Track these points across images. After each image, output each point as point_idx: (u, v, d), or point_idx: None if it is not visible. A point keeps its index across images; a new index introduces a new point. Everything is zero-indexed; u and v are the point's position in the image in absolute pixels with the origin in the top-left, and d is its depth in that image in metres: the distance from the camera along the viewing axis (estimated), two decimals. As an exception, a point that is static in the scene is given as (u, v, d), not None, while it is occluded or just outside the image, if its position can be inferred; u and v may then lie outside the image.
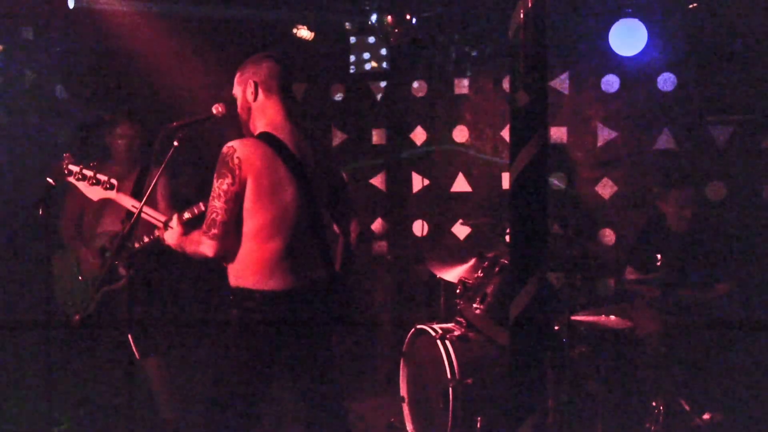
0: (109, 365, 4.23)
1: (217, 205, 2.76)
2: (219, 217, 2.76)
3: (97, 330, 4.02)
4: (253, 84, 2.92)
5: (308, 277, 2.88)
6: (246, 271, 2.82)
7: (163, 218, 3.00)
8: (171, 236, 2.93)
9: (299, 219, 2.87)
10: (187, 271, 4.82)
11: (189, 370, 4.71)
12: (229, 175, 2.75)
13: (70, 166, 3.14)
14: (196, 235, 2.84)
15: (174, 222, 2.95)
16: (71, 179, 3.13)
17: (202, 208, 2.99)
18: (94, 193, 3.13)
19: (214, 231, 2.76)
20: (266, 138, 2.85)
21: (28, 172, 5.25)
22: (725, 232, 4.38)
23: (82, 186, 3.13)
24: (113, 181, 3.10)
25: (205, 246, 2.78)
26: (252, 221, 2.80)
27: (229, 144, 2.79)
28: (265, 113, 2.94)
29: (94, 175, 3.10)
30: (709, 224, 4.40)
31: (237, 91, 3.00)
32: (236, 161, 2.75)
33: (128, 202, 3.08)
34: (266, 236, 2.81)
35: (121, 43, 5.00)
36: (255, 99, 2.93)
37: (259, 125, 2.94)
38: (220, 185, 2.76)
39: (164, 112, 4.76)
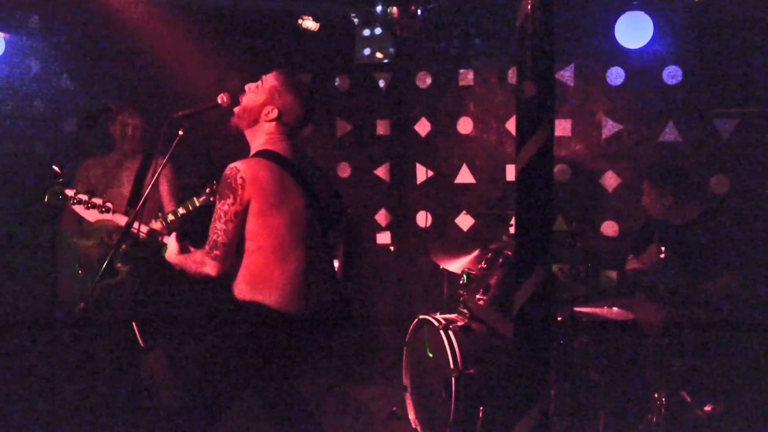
0: (109, 359, 4.25)
1: (218, 226, 2.78)
2: (220, 239, 2.77)
3: (96, 324, 4.03)
4: (276, 113, 2.92)
5: (321, 300, 2.90)
6: (265, 287, 2.82)
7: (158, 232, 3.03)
8: (170, 254, 2.95)
9: (312, 235, 2.89)
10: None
11: (192, 363, 4.73)
12: (231, 195, 2.75)
13: (66, 191, 3.19)
14: (198, 255, 2.85)
15: (171, 240, 2.96)
16: (68, 203, 3.17)
17: (197, 204, 3.01)
18: (91, 216, 3.18)
19: (216, 252, 2.78)
20: (269, 155, 2.86)
21: (34, 161, 5.27)
22: (729, 225, 4.38)
23: (79, 209, 3.17)
24: (109, 204, 3.15)
25: (208, 267, 2.80)
26: (267, 237, 2.80)
27: (232, 165, 2.80)
28: (269, 134, 2.94)
29: (89, 199, 3.15)
30: (713, 217, 4.40)
31: (258, 95, 2.93)
32: (239, 181, 2.75)
33: (125, 222, 3.11)
34: (285, 252, 2.82)
35: (126, 32, 5.00)
36: (268, 121, 2.93)
37: (258, 140, 2.95)
38: (222, 206, 2.77)
39: (169, 101, 4.78)
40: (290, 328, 2.83)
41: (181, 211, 3.15)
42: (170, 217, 3.15)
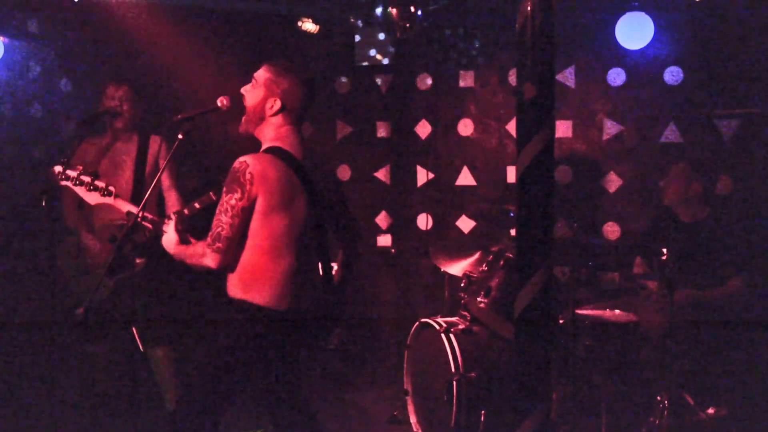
0: (118, 355, 4.23)
1: (223, 219, 2.76)
2: (224, 232, 2.75)
3: (108, 320, 4.01)
4: (279, 103, 2.89)
5: (312, 298, 2.90)
6: (256, 285, 2.81)
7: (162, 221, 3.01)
8: (168, 244, 2.93)
9: (309, 235, 2.88)
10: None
11: (191, 362, 4.71)
12: (239, 190, 2.74)
13: (68, 171, 3.14)
14: (199, 246, 2.82)
15: (170, 229, 2.94)
16: (68, 183, 3.13)
17: (213, 198, 2.99)
18: (92, 198, 3.14)
19: (219, 245, 2.76)
20: (279, 153, 2.85)
21: (32, 165, 5.26)
22: (732, 227, 4.36)
23: (80, 191, 3.13)
24: (111, 188, 3.11)
25: (209, 259, 2.77)
26: (265, 236, 2.79)
27: (242, 159, 2.78)
28: (277, 128, 2.92)
29: (92, 181, 3.11)
30: (716, 218, 4.39)
31: (256, 92, 2.92)
32: (248, 176, 2.73)
33: (126, 208, 3.09)
34: (279, 252, 2.81)
35: (125, 35, 4.99)
36: (273, 115, 2.91)
37: (267, 135, 2.93)
38: (229, 200, 2.75)
39: (169, 104, 4.77)
40: (279, 326, 2.82)
41: (197, 205, 3.14)
42: (185, 212, 3.12)
